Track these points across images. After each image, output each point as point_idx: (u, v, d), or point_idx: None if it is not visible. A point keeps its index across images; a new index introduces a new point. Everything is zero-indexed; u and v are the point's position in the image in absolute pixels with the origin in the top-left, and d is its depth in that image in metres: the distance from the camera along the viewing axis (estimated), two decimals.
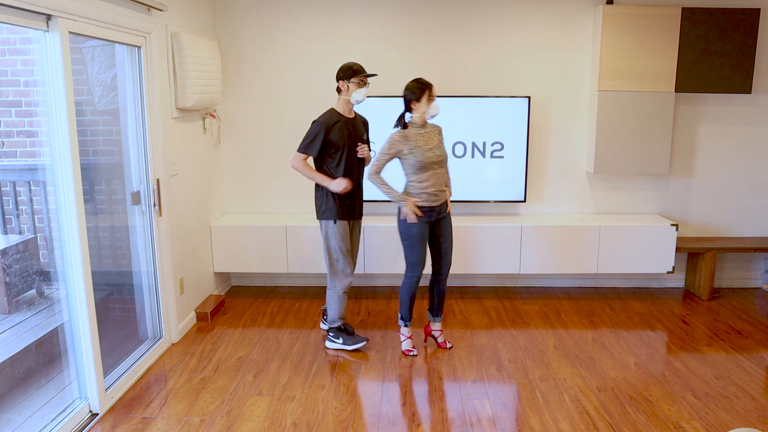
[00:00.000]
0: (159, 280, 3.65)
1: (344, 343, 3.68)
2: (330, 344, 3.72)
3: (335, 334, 3.70)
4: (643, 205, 4.81)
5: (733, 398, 3.13)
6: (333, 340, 3.71)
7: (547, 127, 4.69)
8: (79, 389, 2.97)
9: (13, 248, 3.19)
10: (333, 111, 3.54)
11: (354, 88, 3.50)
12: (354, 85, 3.49)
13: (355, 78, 3.48)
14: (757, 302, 4.57)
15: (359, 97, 3.51)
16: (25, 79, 3.21)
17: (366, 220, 4.57)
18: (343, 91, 3.53)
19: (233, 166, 4.81)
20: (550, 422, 2.90)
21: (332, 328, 3.71)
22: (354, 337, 3.69)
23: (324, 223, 3.59)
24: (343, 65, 3.52)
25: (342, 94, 3.54)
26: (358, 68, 3.50)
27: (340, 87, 3.52)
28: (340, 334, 3.69)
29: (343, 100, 3.54)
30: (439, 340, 3.74)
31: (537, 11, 4.52)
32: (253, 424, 2.89)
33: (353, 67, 3.49)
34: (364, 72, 3.52)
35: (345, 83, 3.50)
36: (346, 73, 3.49)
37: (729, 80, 4.40)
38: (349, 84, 3.49)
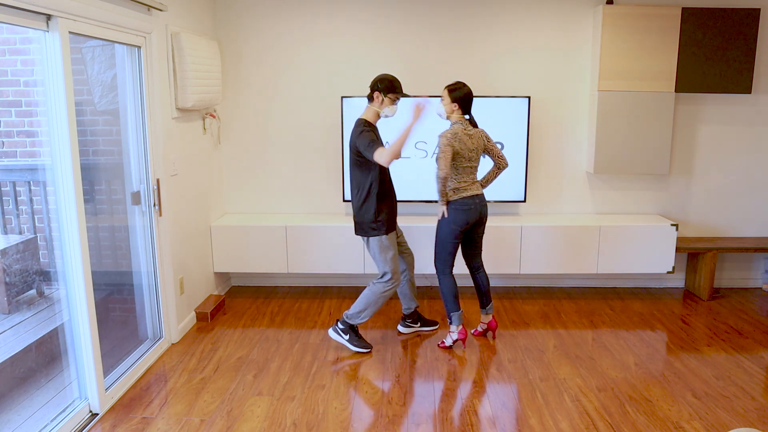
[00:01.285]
0: (159, 280, 3.65)
1: (350, 340, 3.66)
2: (334, 335, 3.71)
3: (345, 329, 3.67)
4: (643, 205, 4.81)
5: (733, 398, 3.13)
6: (340, 333, 3.69)
7: (547, 127, 4.69)
8: (79, 389, 2.97)
9: (13, 248, 3.19)
10: (365, 121, 3.46)
11: (387, 104, 3.47)
12: (388, 101, 3.46)
13: (392, 94, 3.46)
14: (757, 302, 4.57)
15: (390, 113, 3.50)
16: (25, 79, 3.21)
17: None
18: (375, 102, 3.47)
19: (233, 166, 4.81)
20: (550, 422, 2.90)
21: (346, 323, 3.66)
22: (360, 340, 3.67)
23: (374, 239, 3.52)
24: (383, 76, 3.46)
25: (373, 104, 3.48)
26: (398, 85, 3.47)
27: (374, 97, 3.46)
28: (350, 331, 3.67)
29: (374, 111, 3.49)
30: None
31: (537, 11, 4.52)
32: (253, 424, 2.89)
33: (394, 82, 3.45)
34: (402, 91, 3.51)
35: (381, 96, 3.45)
36: (384, 85, 3.43)
37: (729, 80, 4.40)
38: (384, 98, 3.45)
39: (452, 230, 3.53)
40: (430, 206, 4.80)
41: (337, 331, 3.69)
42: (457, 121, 3.50)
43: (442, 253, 3.60)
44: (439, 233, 3.60)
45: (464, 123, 3.50)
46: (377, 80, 3.45)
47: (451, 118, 3.53)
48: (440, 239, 3.59)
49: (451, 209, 3.51)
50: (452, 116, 3.52)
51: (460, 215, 3.50)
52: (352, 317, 3.64)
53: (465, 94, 3.47)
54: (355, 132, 3.44)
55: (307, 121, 4.71)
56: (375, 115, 3.51)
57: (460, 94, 3.47)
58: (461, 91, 3.47)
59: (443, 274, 3.63)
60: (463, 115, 3.52)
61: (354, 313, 3.63)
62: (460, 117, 3.52)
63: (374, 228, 3.50)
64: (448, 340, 3.71)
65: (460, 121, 3.50)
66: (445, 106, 3.52)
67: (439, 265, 3.64)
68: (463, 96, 3.47)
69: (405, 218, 4.63)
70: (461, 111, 3.51)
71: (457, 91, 3.47)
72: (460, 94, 3.47)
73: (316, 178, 4.80)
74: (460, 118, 3.51)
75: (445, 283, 3.63)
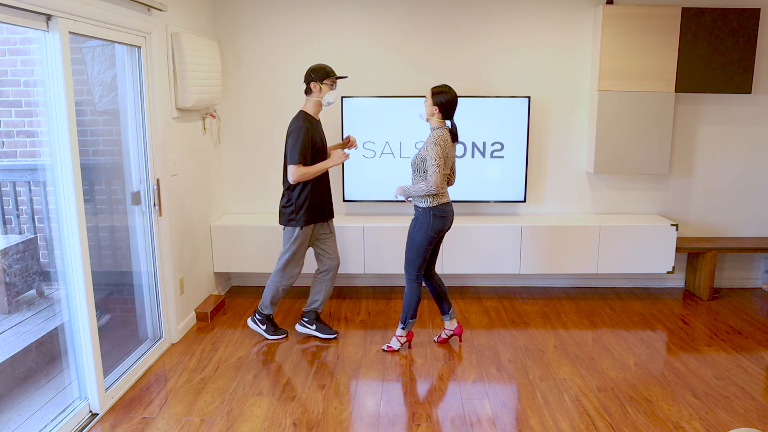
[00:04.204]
0: (159, 280, 3.65)
1: (266, 330, 3.83)
2: (253, 325, 3.87)
3: (262, 319, 3.83)
4: (643, 205, 4.81)
5: (733, 398, 3.13)
6: (257, 324, 3.85)
7: (547, 127, 4.69)
8: (79, 389, 2.97)
9: (13, 248, 3.19)
10: (305, 113, 3.52)
11: (326, 90, 3.49)
12: (327, 87, 3.49)
13: (328, 80, 3.48)
14: (757, 302, 4.57)
15: (331, 99, 3.52)
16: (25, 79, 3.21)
17: (367, 220, 4.57)
18: (314, 93, 3.50)
19: (233, 166, 4.81)
20: (550, 422, 2.90)
21: (261, 313, 3.82)
22: (278, 329, 3.87)
23: (290, 229, 3.61)
24: (313, 66, 3.49)
25: (312, 96, 3.51)
26: (330, 70, 3.50)
27: (312, 88, 3.50)
28: (267, 321, 3.84)
29: (314, 102, 3.52)
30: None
31: (537, 11, 4.52)
32: (253, 424, 2.89)
33: (325, 68, 3.49)
34: (335, 74, 3.53)
35: (317, 84, 3.48)
36: (318, 74, 3.47)
37: (729, 80, 4.40)
38: (321, 85, 3.48)
39: (429, 237, 3.44)
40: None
41: (255, 322, 3.86)
42: (438, 126, 3.37)
43: (417, 260, 3.48)
44: (414, 240, 3.46)
45: (444, 130, 3.38)
46: (309, 71, 3.49)
47: (431, 121, 3.39)
48: (416, 246, 3.46)
49: (430, 215, 3.40)
50: (432, 119, 3.38)
51: (438, 221, 3.42)
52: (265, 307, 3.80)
53: (448, 100, 3.32)
54: (292, 123, 3.50)
55: None
56: (316, 106, 3.53)
57: (443, 99, 3.32)
58: (444, 95, 3.32)
59: (416, 281, 3.54)
60: (443, 120, 3.38)
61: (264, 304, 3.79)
62: (441, 122, 3.37)
63: (292, 219, 3.59)
64: (396, 343, 3.68)
65: (441, 126, 3.38)
66: (427, 107, 3.37)
67: (412, 271, 3.52)
68: (445, 102, 3.32)
69: (399, 218, 4.63)
70: (441, 116, 3.35)
71: (440, 95, 3.32)
72: (442, 99, 3.32)
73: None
74: (441, 123, 3.38)
75: (415, 291, 3.55)
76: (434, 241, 3.48)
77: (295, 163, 3.45)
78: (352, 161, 4.57)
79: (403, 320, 3.64)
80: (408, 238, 3.52)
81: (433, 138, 3.34)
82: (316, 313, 3.85)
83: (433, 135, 3.36)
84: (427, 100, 3.39)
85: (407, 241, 3.52)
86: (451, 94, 3.34)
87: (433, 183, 3.28)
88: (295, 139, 3.44)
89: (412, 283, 3.56)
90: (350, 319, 4.20)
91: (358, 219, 4.61)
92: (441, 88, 3.35)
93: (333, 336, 3.84)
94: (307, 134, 3.46)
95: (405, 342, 3.70)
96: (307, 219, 3.59)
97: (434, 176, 3.28)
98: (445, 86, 3.36)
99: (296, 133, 3.45)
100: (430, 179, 3.29)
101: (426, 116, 3.42)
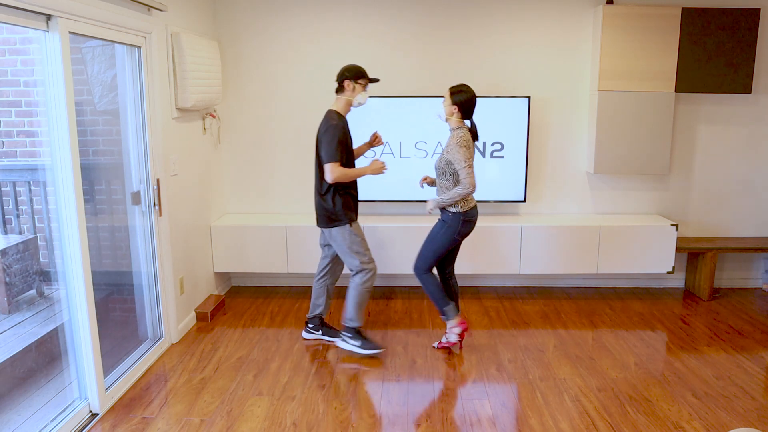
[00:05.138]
0: (159, 280, 3.65)
1: (362, 346, 3.60)
2: (343, 345, 3.65)
3: (353, 336, 3.62)
4: (643, 205, 4.81)
5: (733, 398, 3.13)
6: (348, 341, 3.62)
7: (547, 127, 4.69)
8: (79, 389, 2.97)
9: (13, 248, 3.19)
10: (336, 113, 3.46)
11: (359, 90, 3.45)
12: (360, 87, 3.45)
13: (362, 80, 3.45)
14: (757, 302, 4.57)
15: (362, 100, 3.48)
16: (25, 79, 3.21)
17: (368, 220, 4.57)
18: (347, 91, 3.45)
19: (233, 166, 4.81)
20: (550, 422, 2.90)
21: (350, 329, 3.61)
22: (370, 343, 3.62)
23: (339, 230, 3.48)
24: (349, 66, 3.46)
25: (344, 94, 3.46)
26: (364, 71, 3.47)
27: (345, 87, 3.44)
28: (358, 336, 3.62)
29: (345, 101, 3.48)
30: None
31: (537, 11, 4.52)
32: (253, 424, 2.88)
33: (360, 69, 3.45)
34: (368, 76, 3.51)
35: (351, 83, 3.43)
36: (353, 73, 3.43)
37: (729, 80, 4.40)
38: (355, 85, 3.44)
39: (453, 240, 3.43)
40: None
41: (345, 340, 3.64)
42: (458, 126, 3.37)
43: (432, 258, 3.48)
44: (436, 240, 3.45)
45: (464, 129, 3.37)
46: (344, 70, 3.45)
47: (449, 121, 3.38)
48: (436, 246, 3.46)
49: (459, 220, 3.38)
50: (451, 119, 3.37)
51: (467, 226, 3.41)
52: (353, 320, 3.60)
53: (467, 98, 3.31)
54: (325, 123, 3.41)
55: (307, 121, 4.71)
56: (346, 105, 3.49)
57: (462, 98, 3.31)
58: (463, 94, 3.31)
59: (425, 273, 3.52)
60: (462, 119, 3.38)
61: (351, 317, 3.60)
62: (460, 121, 3.37)
63: (337, 219, 3.48)
64: (452, 336, 3.60)
65: (460, 126, 3.37)
66: (446, 107, 3.36)
67: (423, 266, 3.52)
68: (464, 101, 3.31)
69: (400, 219, 4.63)
70: (461, 115, 3.35)
71: (459, 94, 3.31)
72: (461, 98, 3.31)
73: None
74: (460, 123, 3.37)
75: (430, 281, 3.52)
76: (456, 244, 3.47)
77: (334, 161, 3.35)
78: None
79: (442, 311, 3.57)
80: (429, 236, 3.49)
81: (456, 139, 3.30)
82: (321, 319, 3.83)
83: (455, 136, 3.33)
84: (445, 100, 3.37)
85: (427, 239, 3.50)
86: (470, 93, 3.32)
87: (469, 184, 3.25)
88: (331, 136, 3.36)
89: (422, 276, 3.53)
90: None
91: (358, 219, 4.61)
92: (459, 87, 3.33)
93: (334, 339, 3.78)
94: (344, 132, 3.40)
95: (460, 332, 3.58)
96: (351, 215, 3.50)
97: (468, 177, 3.25)
98: (463, 85, 3.34)
99: (333, 131, 3.36)
100: (465, 181, 3.25)
101: (445, 116, 3.40)
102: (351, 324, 3.60)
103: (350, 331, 3.62)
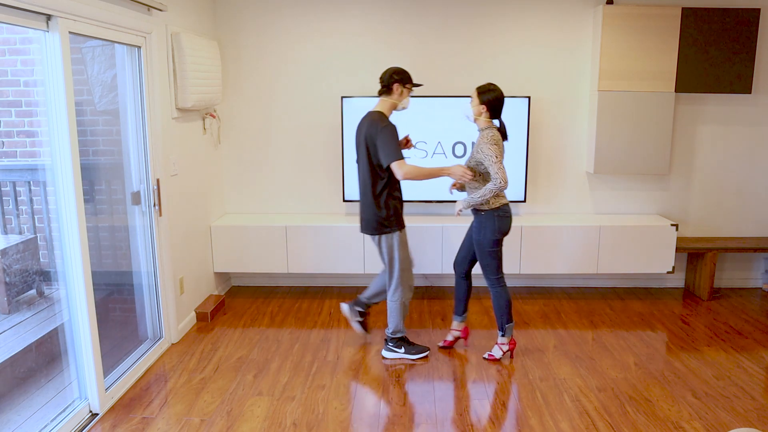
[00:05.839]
0: (159, 280, 3.66)
1: (407, 352, 3.58)
2: (389, 354, 3.61)
3: (396, 344, 3.59)
4: (643, 205, 4.81)
5: (733, 398, 3.13)
6: (394, 350, 3.60)
7: (547, 127, 4.69)
8: (79, 389, 2.97)
9: (13, 248, 3.19)
10: (382, 114, 3.38)
11: (406, 94, 3.42)
12: (407, 91, 3.42)
13: (409, 84, 3.42)
14: (757, 302, 4.57)
15: (407, 105, 3.46)
16: (25, 79, 3.21)
17: None
18: (394, 95, 3.38)
19: (233, 166, 4.81)
20: (550, 422, 2.90)
21: (393, 339, 3.59)
22: (416, 347, 3.61)
23: (388, 236, 3.43)
24: (398, 68, 3.39)
25: (391, 97, 3.39)
26: (411, 76, 3.45)
27: (394, 90, 3.38)
28: (402, 343, 3.59)
29: (390, 104, 3.40)
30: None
31: (537, 11, 4.52)
32: (253, 424, 2.89)
33: (408, 73, 3.41)
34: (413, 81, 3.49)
35: (400, 87, 3.38)
36: (404, 77, 3.38)
37: (729, 80, 4.40)
38: (403, 89, 3.40)
39: (496, 239, 3.36)
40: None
41: (391, 349, 3.61)
42: (487, 126, 3.32)
43: (493, 262, 3.41)
44: (483, 245, 3.39)
45: (493, 129, 3.32)
46: (393, 72, 3.37)
47: (478, 122, 3.34)
48: (486, 250, 3.39)
49: (493, 217, 3.34)
50: (479, 119, 3.33)
51: (504, 222, 3.35)
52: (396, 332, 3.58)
53: (495, 97, 3.28)
54: (375, 125, 3.30)
55: (307, 121, 4.71)
56: (391, 107, 3.41)
57: (490, 97, 3.27)
58: (492, 93, 3.28)
59: (499, 286, 3.45)
60: (491, 119, 3.33)
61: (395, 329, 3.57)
62: (488, 121, 3.33)
63: (388, 226, 3.43)
64: (498, 352, 3.56)
65: (489, 126, 3.33)
66: (474, 107, 3.33)
67: (492, 276, 3.44)
68: (493, 99, 3.27)
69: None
70: (489, 115, 3.31)
71: (487, 93, 3.28)
72: (489, 97, 3.27)
73: (316, 178, 4.80)
74: (488, 123, 3.33)
75: (503, 296, 3.45)
76: (500, 240, 3.39)
77: (401, 158, 3.27)
78: (351, 161, 4.57)
79: (500, 327, 3.52)
80: (475, 245, 3.44)
81: (486, 138, 3.26)
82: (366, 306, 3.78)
83: (485, 136, 3.28)
84: (473, 100, 3.34)
85: (476, 249, 3.45)
86: (498, 92, 3.29)
87: (501, 178, 3.19)
88: (389, 136, 3.28)
89: (495, 288, 3.46)
90: None
91: (358, 219, 4.60)
92: (487, 86, 3.30)
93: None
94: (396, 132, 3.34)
95: (507, 351, 3.56)
96: (401, 221, 3.46)
97: (500, 172, 3.19)
98: (491, 84, 3.32)
99: (390, 131, 3.29)
100: (497, 176, 3.20)
101: (473, 117, 3.37)
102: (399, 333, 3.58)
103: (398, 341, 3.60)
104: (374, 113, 3.38)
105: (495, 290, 3.47)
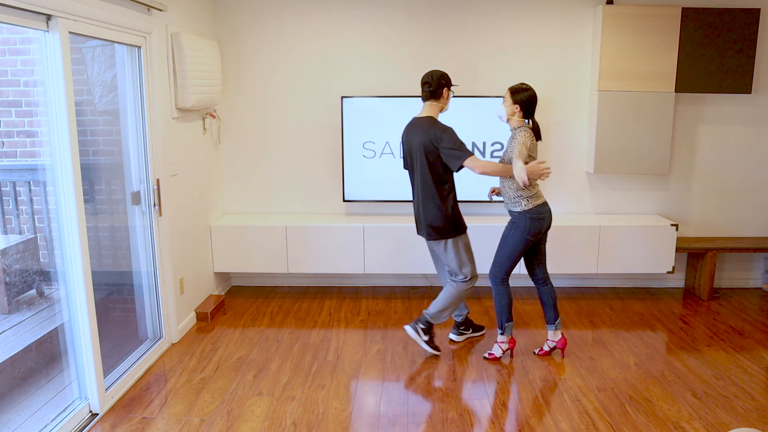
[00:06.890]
0: (159, 280, 3.66)
1: (427, 342, 3.58)
2: (411, 332, 3.58)
3: (426, 329, 3.56)
4: (643, 205, 4.81)
5: (733, 398, 3.13)
6: (419, 332, 3.56)
7: (547, 127, 4.69)
8: (79, 389, 2.97)
9: (13, 248, 3.19)
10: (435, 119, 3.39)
11: (450, 97, 3.45)
12: (451, 94, 3.45)
13: (453, 87, 3.42)
14: (757, 302, 4.57)
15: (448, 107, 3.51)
16: (25, 79, 3.21)
17: (367, 220, 4.57)
18: (443, 99, 3.41)
19: (233, 166, 4.81)
20: (550, 422, 2.90)
21: (428, 322, 3.56)
22: (434, 344, 3.62)
23: (455, 240, 3.44)
24: (443, 72, 3.39)
25: (440, 101, 3.41)
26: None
27: (443, 94, 3.39)
28: (430, 332, 3.58)
29: (439, 108, 3.42)
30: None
31: (537, 11, 4.52)
32: (253, 424, 2.89)
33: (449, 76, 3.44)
34: None
35: (448, 91, 3.41)
36: (449, 80, 3.40)
37: (729, 80, 4.40)
38: (449, 92, 3.42)
39: (526, 240, 3.34)
40: None
41: (417, 330, 3.58)
42: (519, 125, 3.30)
43: (507, 263, 3.40)
44: (508, 243, 3.38)
45: (526, 128, 3.29)
46: (440, 76, 3.36)
47: (511, 122, 3.33)
48: (509, 249, 3.38)
49: (526, 218, 3.31)
50: (512, 119, 3.32)
51: (535, 224, 3.33)
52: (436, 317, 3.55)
53: (529, 96, 3.27)
54: (433, 131, 3.30)
55: (308, 121, 4.71)
56: (439, 111, 3.44)
57: (524, 97, 3.27)
58: (525, 93, 3.27)
59: (502, 284, 3.45)
60: (524, 119, 3.32)
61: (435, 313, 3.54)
62: (521, 121, 3.31)
63: (453, 230, 3.43)
64: (498, 350, 3.56)
65: (522, 126, 3.30)
66: (507, 107, 3.32)
67: (499, 274, 3.44)
68: (526, 99, 3.27)
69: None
70: (522, 114, 3.30)
71: (520, 92, 3.27)
72: (522, 97, 3.27)
73: (316, 178, 4.80)
74: (521, 123, 3.31)
75: (504, 294, 3.46)
76: (529, 245, 3.37)
77: (472, 154, 3.25)
78: (351, 161, 4.57)
79: (500, 325, 3.52)
80: (501, 240, 3.43)
81: (520, 138, 3.22)
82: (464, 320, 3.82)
83: (517, 136, 3.26)
84: (505, 100, 3.33)
85: (500, 243, 3.43)
86: (531, 91, 3.28)
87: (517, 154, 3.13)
88: (453, 135, 3.27)
89: (497, 287, 3.46)
90: (350, 319, 4.20)
91: (358, 219, 4.61)
92: (520, 86, 3.29)
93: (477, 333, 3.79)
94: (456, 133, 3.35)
95: (507, 349, 3.56)
96: (463, 223, 3.46)
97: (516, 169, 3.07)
98: (523, 84, 3.31)
99: (451, 132, 3.28)
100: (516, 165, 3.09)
101: (506, 117, 3.35)
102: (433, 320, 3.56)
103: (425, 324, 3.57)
104: (425, 119, 3.38)
105: (498, 288, 3.47)
